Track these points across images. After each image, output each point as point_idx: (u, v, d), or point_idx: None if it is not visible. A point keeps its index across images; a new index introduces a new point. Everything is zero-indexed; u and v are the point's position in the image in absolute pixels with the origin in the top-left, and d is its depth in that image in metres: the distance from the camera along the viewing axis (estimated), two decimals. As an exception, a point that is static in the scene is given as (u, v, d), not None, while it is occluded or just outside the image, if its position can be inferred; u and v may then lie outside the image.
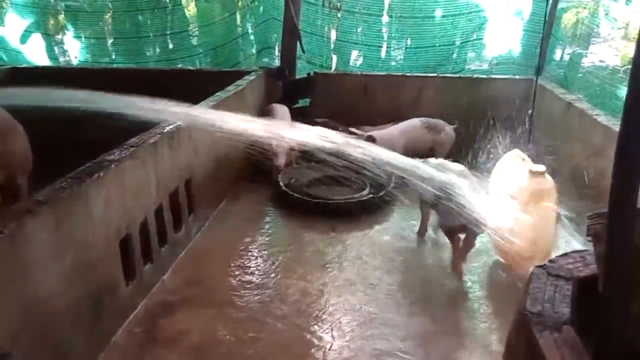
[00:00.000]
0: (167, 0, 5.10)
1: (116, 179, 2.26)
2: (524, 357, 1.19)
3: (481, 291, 2.69)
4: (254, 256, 2.99)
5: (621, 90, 3.21)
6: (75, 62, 5.28)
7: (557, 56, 4.36)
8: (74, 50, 5.26)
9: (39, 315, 1.77)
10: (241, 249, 3.07)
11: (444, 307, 2.54)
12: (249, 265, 2.89)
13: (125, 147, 2.45)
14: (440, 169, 2.80)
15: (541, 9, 4.45)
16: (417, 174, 2.69)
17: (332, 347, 2.24)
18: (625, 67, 3.25)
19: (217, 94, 3.60)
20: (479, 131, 4.01)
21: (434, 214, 2.98)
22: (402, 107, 4.45)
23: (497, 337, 2.28)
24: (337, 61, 5.01)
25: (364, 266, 2.89)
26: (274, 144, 3.64)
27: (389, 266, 2.90)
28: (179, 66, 5.15)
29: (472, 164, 3.47)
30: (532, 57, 4.52)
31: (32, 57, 5.27)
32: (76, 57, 5.28)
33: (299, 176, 3.90)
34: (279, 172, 3.78)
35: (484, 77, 4.59)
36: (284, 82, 4.68)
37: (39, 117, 2.55)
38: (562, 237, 2.98)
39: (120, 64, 5.21)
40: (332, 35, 4.93)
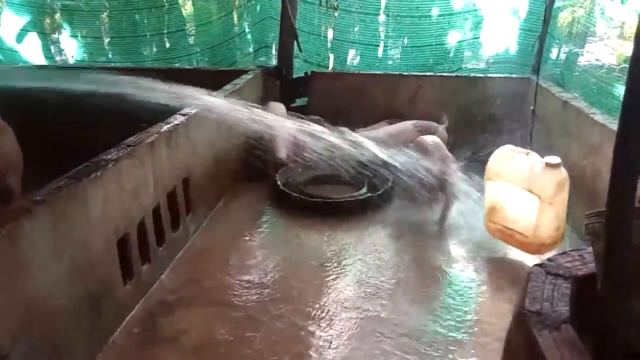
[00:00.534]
0: (164, -1, 5.09)
1: (114, 178, 2.26)
2: (523, 357, 1.19)
3: (484, 287, 2.71)
4: (252, 255, 2.99)
5: (617, 88, 3.22)
6: (71, 61, 5.25)
7: (553, 55, 4.37)
8: (71, 49, 5.23)
9: (38, 315, 1.77)
10: (239, 248, 3.07)
11: (444, 305, 2.55)
12: (247, 264, 2.89)
13: (122, 146, 2.45)
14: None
15: (537, 8, 4.47)
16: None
17: (331, 345, 2.24)
18: (621, 66, 3.26)
19: (215, 93, 3.59)
20: (476, 129, 4.03)
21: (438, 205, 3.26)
22: (399, 105, 4.47)
23: (498, 336, 2.28)
24: (334, 60, 5.00)
25: (363, 265, 2.90)
26: (275, 137, 3.64)
27: (387, 264, 2.90)
28: (176, 65, 5.13)
29: (470, 159, 3.51)
30: (529, 55, 4.54)
31: (29, 56, 5.25)
32: (72, 56, 5.26)
33: (295, 175, 3.90)
34: (280, 167, 3.77)
35: (481, 75, 4.60)
36: (282, 81, 4.67)
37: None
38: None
39: (117, 63, 5.17)
40: (329, 34, 4.92)
